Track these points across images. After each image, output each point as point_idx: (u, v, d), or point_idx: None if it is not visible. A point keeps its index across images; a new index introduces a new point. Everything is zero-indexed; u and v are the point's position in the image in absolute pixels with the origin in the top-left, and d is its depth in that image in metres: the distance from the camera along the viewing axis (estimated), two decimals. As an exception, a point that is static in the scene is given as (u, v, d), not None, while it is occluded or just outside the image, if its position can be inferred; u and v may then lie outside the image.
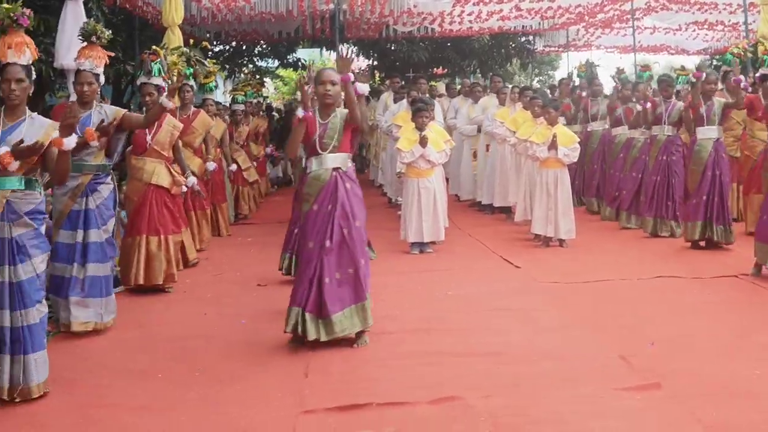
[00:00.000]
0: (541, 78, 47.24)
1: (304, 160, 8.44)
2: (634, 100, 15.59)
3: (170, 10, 15.10)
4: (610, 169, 16.34)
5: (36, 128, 6.92)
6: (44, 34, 17.09)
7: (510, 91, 16.67)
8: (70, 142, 6.58)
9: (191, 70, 13.72)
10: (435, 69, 33.26)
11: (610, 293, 10.32)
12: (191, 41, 14.78)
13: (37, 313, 6.89)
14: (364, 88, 8.46)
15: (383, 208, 18.33)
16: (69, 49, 11.19)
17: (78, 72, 9.10)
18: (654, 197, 14.14)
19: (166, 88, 10.60)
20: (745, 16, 17.84)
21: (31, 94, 7.15)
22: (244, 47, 30.82)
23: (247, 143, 18.46)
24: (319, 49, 33.22)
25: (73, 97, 11.40)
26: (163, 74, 11.22)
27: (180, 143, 11.51)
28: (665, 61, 38.08)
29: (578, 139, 13.66)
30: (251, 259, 13.16)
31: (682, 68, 16.87)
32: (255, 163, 19.03)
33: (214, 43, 28.04)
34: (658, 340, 8.14)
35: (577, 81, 20.50)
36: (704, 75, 12.98)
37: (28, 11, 7.14)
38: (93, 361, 8.12)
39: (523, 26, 25.68)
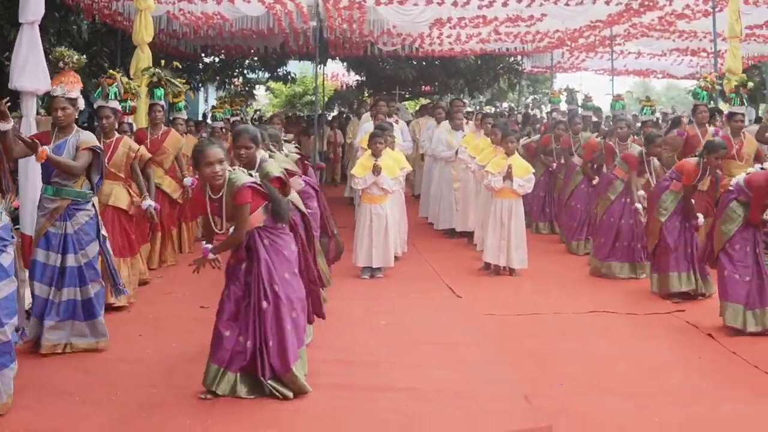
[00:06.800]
0: (536, 96, 47.43)
1: None
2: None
3: (140, 29, 15.20)
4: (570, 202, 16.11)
5: None
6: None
7: (474, 117, 16.69)
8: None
9: (162, 90, 13.89)
10: (423, 87, 33.47)
11: (539, 327, 10.47)
12: (162, 61, 14.88)
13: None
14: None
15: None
16: (23, 72, 11.37)
17: (52, 98, 9.23)
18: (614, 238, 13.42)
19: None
20: (715, 47, 17.94)
21: None
22: (236, 60, 31.04)
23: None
24: (310, 63, 33.43)
25: (26, 119, 11.63)
26: (119, 97, 11.37)
27: (137, 165, 11.57)
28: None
29: (533, 170, 13.72)
30: (204, 277, 13.20)
31: (648, 99, 17.00)
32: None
33: (202, 55, 28.34)
34: (570, 378, 8.34)
35: (545, 108, 20.58)
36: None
37: None
38: (33, 379, 8.20)
39: (507, 48, 25.87)
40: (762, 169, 10.15)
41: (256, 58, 30.95)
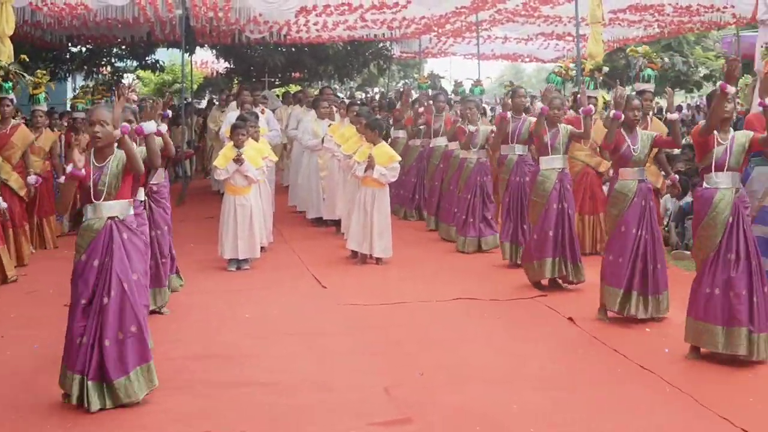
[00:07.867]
0: (406, 81, 47.57)
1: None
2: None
3: (1, 21, 14.82)
4: (448, 186, 15.92)
5: None
6: None
7: (340, 104, 16.79)
8: None
9: (10, 84, 13.64)
10: (293, 73, 33.40)
11: (404, 316, 10.53)
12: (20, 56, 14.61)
13: None
14: (149, 126, 7.79)
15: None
16: None
17: None
18: (509, 220, 13.33)
19: None
20: (577, 32, 18.19)
21: None
22: (103, 49, 30.59)
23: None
24: (179, 51, 33.09)
25: None
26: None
27: None
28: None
29: (399, 159, 13.79)
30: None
31: (510, 83, 17.23)
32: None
33: (69, 45, 27.93)
34: (433, 367, 8.40)
35: (415, 94, 20.76)
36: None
37: None
38: None
39: (375, 35, 25.92)
40: None
41: (124, 47, 30.55)
